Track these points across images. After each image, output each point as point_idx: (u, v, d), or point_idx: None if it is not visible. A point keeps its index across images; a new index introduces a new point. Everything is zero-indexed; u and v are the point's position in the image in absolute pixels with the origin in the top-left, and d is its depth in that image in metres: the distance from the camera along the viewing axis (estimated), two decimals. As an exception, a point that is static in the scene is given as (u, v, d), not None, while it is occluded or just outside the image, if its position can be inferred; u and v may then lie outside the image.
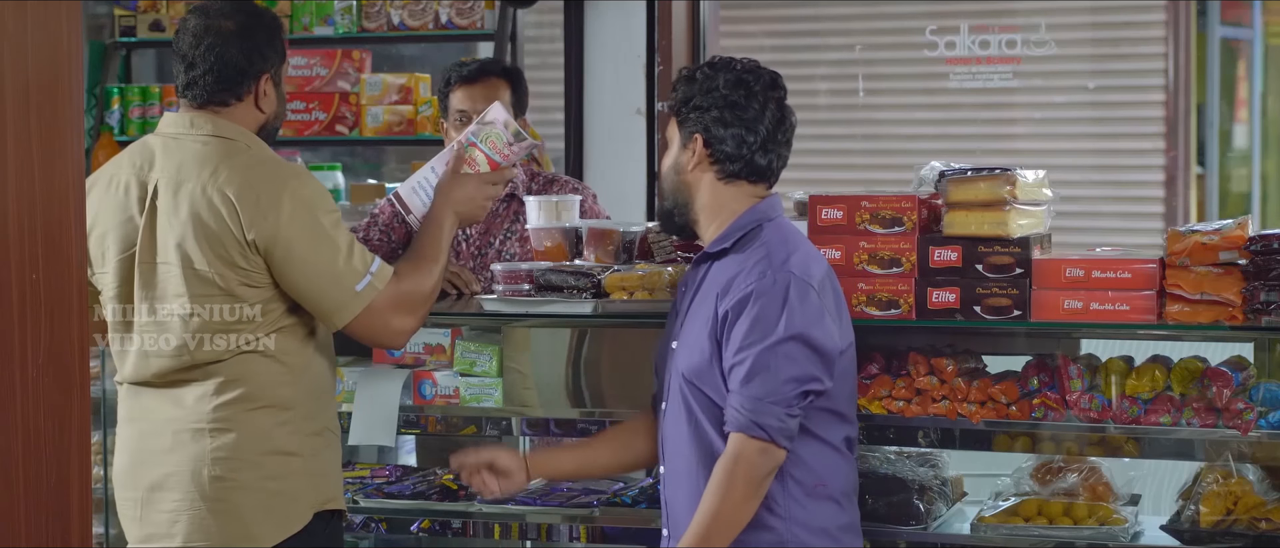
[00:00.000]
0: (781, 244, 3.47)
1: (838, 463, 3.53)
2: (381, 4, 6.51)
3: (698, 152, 3.53)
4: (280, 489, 3.60)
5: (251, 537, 3.59)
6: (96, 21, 7.00)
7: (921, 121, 7.45)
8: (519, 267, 4.20)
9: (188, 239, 3.55)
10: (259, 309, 3.58)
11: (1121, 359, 3.95)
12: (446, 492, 4.43)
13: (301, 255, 3.53)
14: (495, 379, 4.32)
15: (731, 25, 7.41)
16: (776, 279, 3.40)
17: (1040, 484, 4.13)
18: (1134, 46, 7.43)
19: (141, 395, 3.67)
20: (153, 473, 3.62)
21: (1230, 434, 3.79)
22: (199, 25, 3.67)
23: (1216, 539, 3.82)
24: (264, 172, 3.59)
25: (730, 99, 3.50)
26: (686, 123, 3.53)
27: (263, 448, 3.59)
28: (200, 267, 3.55)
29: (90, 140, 6.77)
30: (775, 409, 3.36)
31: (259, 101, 3.70)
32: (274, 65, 3.72)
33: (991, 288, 3.84)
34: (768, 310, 3.38)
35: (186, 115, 3.67)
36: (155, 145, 3.67)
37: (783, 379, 3.37)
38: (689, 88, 3.53)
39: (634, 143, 6.47)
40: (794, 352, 3.37)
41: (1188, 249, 3.76)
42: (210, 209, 3.54)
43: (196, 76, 3.65)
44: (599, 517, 4.24)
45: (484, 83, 4.76)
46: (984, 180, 3.87)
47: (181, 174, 3.59)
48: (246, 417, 3.59)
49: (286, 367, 3.63)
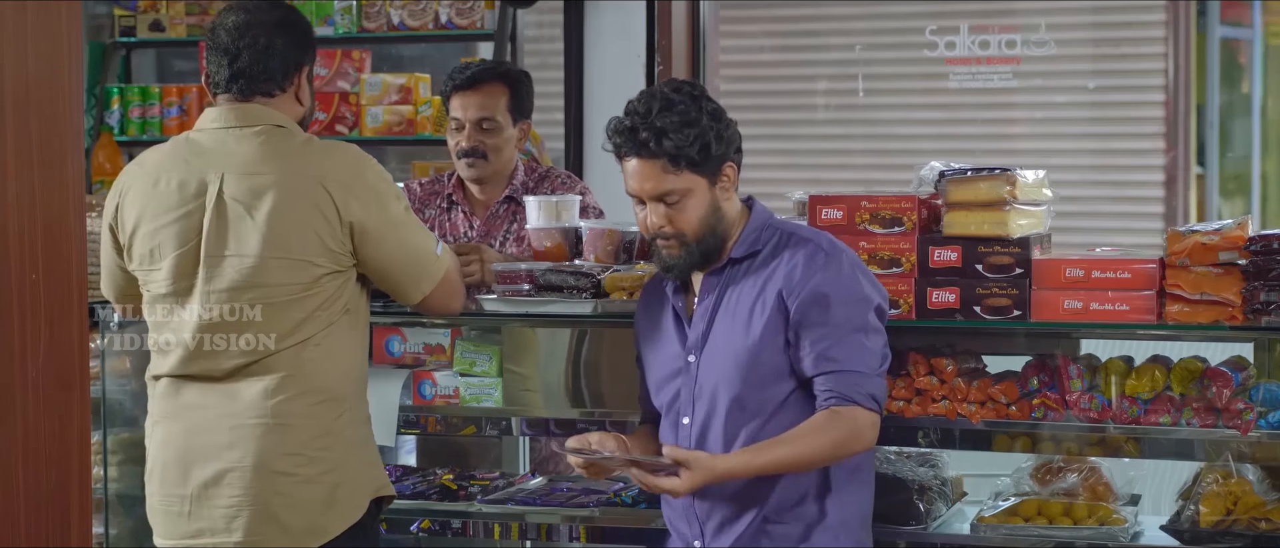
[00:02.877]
0: (815, 233, 3.58)
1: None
2: (381, 4, 6.51)
3: (732, 177, 3.55)
4: (341, 480, 3.64)
5: (317, 529, 3.62)
6: (96, 21, 6.99)
7: (921, 121, 7.44)
8: (519, 267, 4.19)
9: (276, 231, 3.55)
10: (330, 301, 3.61)
11: (1121, 359, 3.95)
12: (446, 492, 4.43)
13: (390, 232, 3.64)
14: (495, 379, 4.32)
15: (731, 25, 7.41)
16: (841, 263, 3.49)
17: (1040, 484, 4.13)
18: (1134, 46, 7.43)
19: (187, 391, 3.65)
20: (206, 470, 3.61)
21: (1230, 434, 3.79)
22: (240, 20, 3.68)
23: (1216, 539, 3.82)
24: (342, 156, 3.66)
25: (726, 125, 3.52)
26: (707, 161, 3.49)
27: (325, 441, 3.62)
28: (291, 255, 3.56)
29: (90, 140, 6.77)
30: (878, 381, 3.49)
31: (299, 94, 3.73)
32: (311, 61, 3.77)
33: (991, 288, 3.84)
34: (849, 290, 3.47)
35: (232, 108, 3.67)
36: (206, 141, 3.66)
37: (875, 351, 3.49)
38: (686, 132, 3.45)
39: (634, 143, 6.46)
40: (877, 322, 3.51)
41: (1188, 249, 3.76)
42: (300, 198, 3.56)
43: (242, 68, 3.66)
44: (599, 517, 4.24)
45: (480, 88, 4.71)
46: (984, 180, 3.87)
47: (252, 166, 3.59)
48: (309, 410, 3.61)
49: (343, 359, 3.66)
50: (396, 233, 3.66)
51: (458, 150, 4.71)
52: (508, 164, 4.78)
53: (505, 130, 4.72)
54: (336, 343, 3.65)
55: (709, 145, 3.46)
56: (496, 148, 4.72)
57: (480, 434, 4.41)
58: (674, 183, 3.48)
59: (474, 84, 4.71)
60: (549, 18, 6.82)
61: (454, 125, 4.73)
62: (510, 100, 4.73)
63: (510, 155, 4.80)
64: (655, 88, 3.54)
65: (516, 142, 4.80)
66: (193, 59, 6.95)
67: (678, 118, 3.45)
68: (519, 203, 4.73)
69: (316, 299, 3.60)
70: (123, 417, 4.65)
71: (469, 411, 4.34)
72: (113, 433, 4.58)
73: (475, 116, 4.69)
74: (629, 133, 3.47)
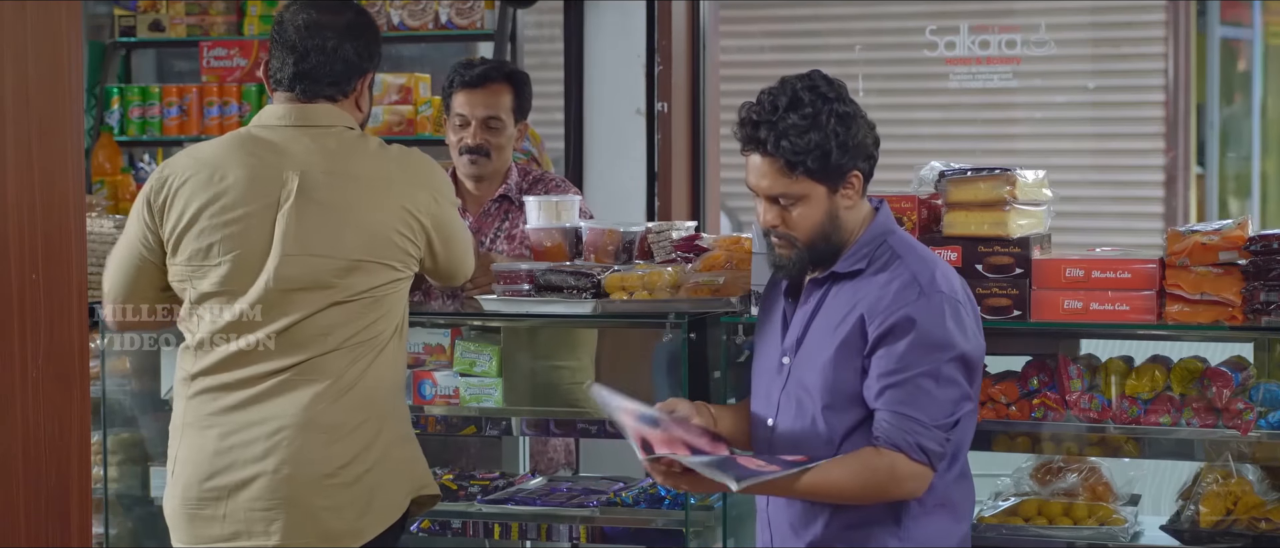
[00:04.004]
0: (920, 261, 3.34)
1: (962, 482, 3.42)
2: (381, 4, 6.51)
3: (858, 186, 3.35)
4: (380, 482, 3.59)
5: (355, 532, 3.58)
6: (96, 21, 6.99)
7: (921, 121, 7.45)
8: (519, 267, 4.19)
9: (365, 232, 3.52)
10: (393, 309, 3.58)
11: (1121, 359, 3.95)
12: (446, 492, 4.43)
13: (458, 232, 3.71)
14: (495, 379, 4.32)
15: (731, 25, 7.41)
16: (932, 303, 3.26)
17: (1040, 484, 4.13)
18: (1134, 46, 7.43)
19: (228, 394, 3.55)
20: (242, 472, 3.53)
21: (1230, 434, 3.79)
22: (309, 18, 3.60)
23: (1216, 539, 3.82)
24: (420, 160, 3.66)
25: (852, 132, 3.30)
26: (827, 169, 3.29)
27: (369, 449, 3.57)
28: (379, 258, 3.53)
29: (90, 140, 6.77)
30: (937, 433, 3.25)
31: (359, 100, 3.68)
32: (375, 68, 3.71)
33: (991, 288, 3.84)
34: (930, 335, 3.25)
35: (296, 108, 3.60)
36: (275, 137, 3.58)
37: (944, 402, 3.25)
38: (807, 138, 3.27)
39: (634, 143, 6.47)
40: (954, 374, 3.27)
41: (1187, 249, 3.76)
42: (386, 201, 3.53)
43: (308, 68, 3.59)
44: (599, 517, 4.24)
45: (487, 88, 4.73)
46: (984, 180, 3.87)
47: (334, 166, 3.55)
48: (356, 420, 3.55)
49: (392, 369, 3.63)
50: (459, 232, 3.72)
51: (461, 147, 4.72)
52: (505, 163, 4.80)
53: (508, 129, 4.75)
54: (389, 352, 3.61)
55: (830, 153, 3.27)
56: (500, 147, 4.75)
57: (480, 434, 4.41)
58: (790, 186, 3.31)
59: (481, 83, 4.73)
60: (549, 18, 6.82)
61: (458, 122, 4.74)
62: (514, 100, 4.76)
63: (509, 155, 4.83)
64: (790, 82, 3.33)
65: (516, 142, 4.82)
66: (193, 59, 6.94)
67: (802, 121, 3.27)
68: (512, 202, 4.76)
69: (384, 305, 3.56)
70: (123, 417, 4.65)
71: (469, 411, 4.34)
72: (113, 433, 4.58)
73: (482, 115, 4.71)
74: (751, 127, 3.32)
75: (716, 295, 4.04)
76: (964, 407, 3.29)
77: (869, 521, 3.33)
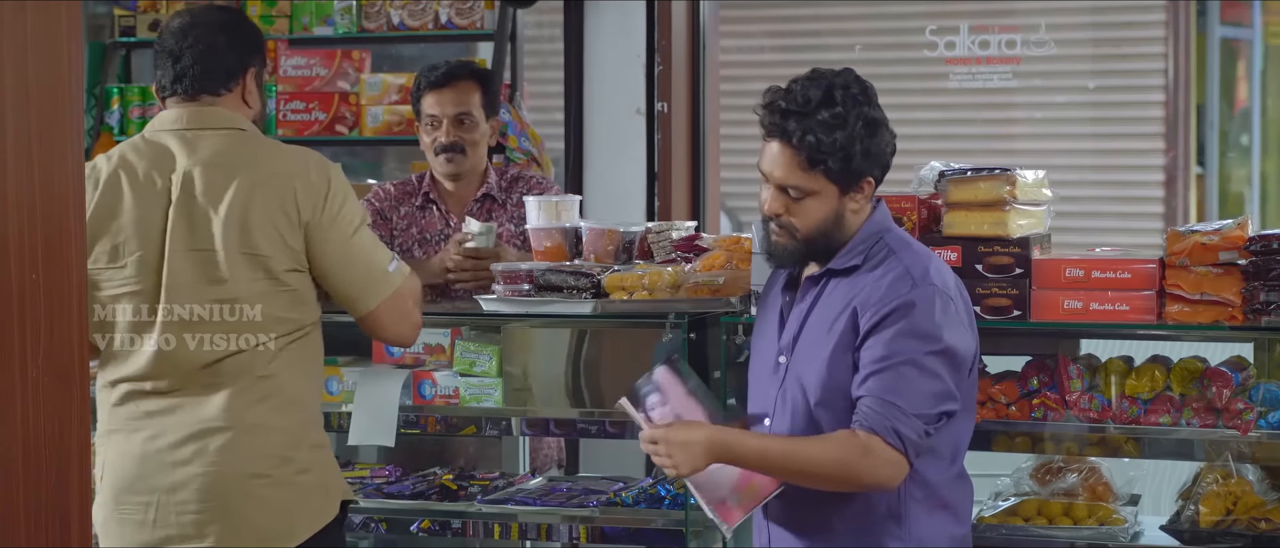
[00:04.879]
0: (914, 256, 3.34)
1: (961, 483, 3.42)
2: (381, 4, 6.51)
3: (868, 192, 3.35)
4: (313, 482, 3.61)
5: (288, 532, 3.59)
6: (96, 21, 6.98)
7: (921, 122, 7.44)
8: (519, 267, 4.20)
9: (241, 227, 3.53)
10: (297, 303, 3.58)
11: (1121, 359, 3.96)
12: (446, 492, 4.43)
13: (343, 238, 3.59)
14: (495, 379, 4.32)
15: (731, 25, 7.41)
16: (923, 294, 3.26)
17: (1040, 484, 4.13)
18: (1134, 46, 7.43)
19: (149, 400, 3.59)
20: (172, 475, 3.55)
21: (1230, 434, 3.79)
22: (184, 22, 3.71)
23: (1216, 539, 3.82)
24: (304, 157, 3.63)
25: (867, 129, 3.30)
26: (846, 173, 3.29)
27: (297, 444, 3.59)
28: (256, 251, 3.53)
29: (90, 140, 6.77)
30: (916, 422, 3.23)
31: (246, 96, 3.71)
32: (258, 64, 3.74)
33: (991, 288, 3.85)
34: (918, 325, 3.24)
35: (184, 110, 3.66)
36: (165, 141, 3.63)
37: (924, 392, 3.24)
38: (833, 137, 3.26)
39: (634, 143, 6.46)
40: (937, 366, 3.25)
41: (1187, 249, 3.76)
42: (264, 196, 3.53)
43: (185, 68, 3.66)
44: (599, 517, 4.24)
45: (454, 86, 4.80)
46: (984, 180, 3.87)
47: (216, 163, 3.57)
48: (280, 414, 3.58)
49: (311, 365, 3.65)
50: (346, 237, 3.60)
51: (436, 147, 4.80)
52: (481, 161, 4.88)
53: (481, 126, 4.83)
54: (305, 348, 3.62)
55: (852, 157, 3.27)
56: (474, 143, 4.82)
57: (480, 434, 4.41)
58: (804, 180, 3.30)
59: (448, 81, 4.81)
60: (549, 18, 6.81)
61: (430, 123, 4.81)
62: (483, 97, 4.85)
63: (484, 152, 4.91)
64: (826, 77, 3.31)
65: (489, 138, 4.88)
66: (192, 59, 6.96)
67: (832, 119, 3.26)
68: (495, 201, 4.82)
69: (282, 299, 3.56)
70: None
71: (469, 411, 4.34)
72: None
73: (453, 112, 4.79)
74: (780, 116, 3.30)
75: (716, 295, 4.04)
76: (946, 403, 3.27)
77: (870, 522, 3.34)
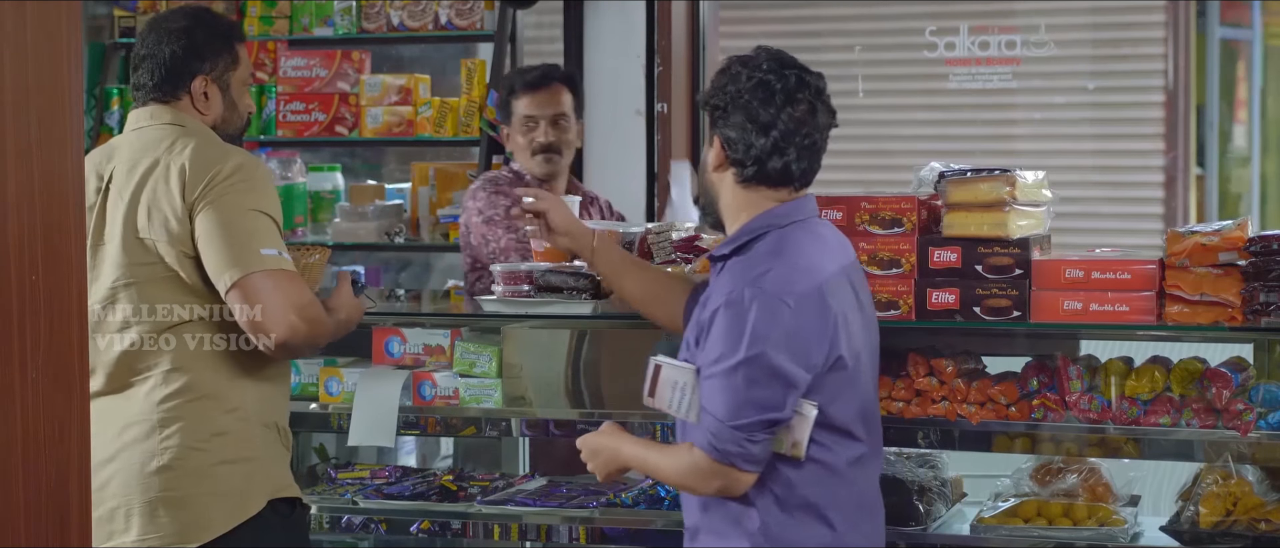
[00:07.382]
0: (769, 255, 3.27)
1: (828, 482, 3.31)
2: (381, 5, 6.51)
3: (717, 152, 3.37)
4: (231, 474, 3.62)
5: (205, 524, 3.60)
6: (96, 21, 6.99)
7: (921, 122, 7.45)
8: (519, 267, 4.20)
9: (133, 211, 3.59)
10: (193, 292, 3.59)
11: (1121, 360, 3.95)
12: (446, 492, 4.43)
13: (223, 215, 3.53)
14: (495, 379, 4.32)
15: (731, 25, 7.41)
16: (743, 294, 3.21)
17: (1040, 485, 4.13)
18: (1134, 47, 7.43)
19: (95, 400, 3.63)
20: (97, 473, 3.50)
21: (1230, 435, 3.79)
22: (144, 27, 3.79)
23: (1216, 540, 3.82)
24: (220, 148, 3.65)
25: (746, 101, 3.30)
26: (714, 123, 3.37)
27: (209, 434, 3.60)
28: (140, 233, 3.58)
29: (90, 140, 6.76)
30: (737, 435, 3.20)
31: (196, 102, 3.72)
32: (215, 70, 3.74)
33: (991, 289, 3.85)
34: (733, 327, 3.21)
35: (144, 110, 3.74)
36: (118, 141, 3.75)
37: (742, 403, 3.19)
38: (715, 85, 3.36)
39: (634, 143, 6.47)
40: (755, 375, 3.18)
41: (1187, 250, 3.76)
42: (159, 183, 3.58)
43: (140, 73, 3.75)
44: (598, 518, 4.24)
45: (549, 88, 5.02)
46: (984, 181, 3.87)
47: (137, 156, 3.65)
48: (192, 406, 3.60)
49: (232, 358, 3.63)
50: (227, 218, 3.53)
51: (534, 147, 5.03)
52: (570, 161, 5.12)
53: (573, 127, 5.07)
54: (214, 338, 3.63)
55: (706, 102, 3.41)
56: (568, 143, 5.08)
57: (480, 435, 4.41)
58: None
59: (543, 83, 5.05)
60: (549, 18, 6.81)
61: (527, 124, 5.01)
62: (574, 100, 5.09)
63: (573, 153, 5.13)
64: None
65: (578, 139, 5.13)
66: (192, 59, 6.96)
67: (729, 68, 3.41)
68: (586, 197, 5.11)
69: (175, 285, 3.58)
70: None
71: (469, 411, 4.34)
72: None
73: (551, 114, 5.02)
74: None
75: (716, 296, 4.04)
76: (769, 412, 3.19)
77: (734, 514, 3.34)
